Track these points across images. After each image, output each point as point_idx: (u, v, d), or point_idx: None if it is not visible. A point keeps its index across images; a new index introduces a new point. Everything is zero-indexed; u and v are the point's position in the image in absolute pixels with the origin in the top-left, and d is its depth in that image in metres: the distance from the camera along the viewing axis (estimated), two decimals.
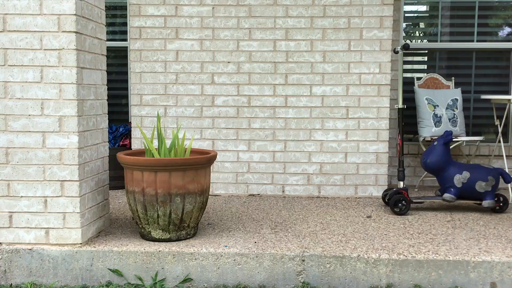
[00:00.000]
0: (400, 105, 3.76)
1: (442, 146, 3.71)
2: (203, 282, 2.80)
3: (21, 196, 2.82)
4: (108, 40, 5.14)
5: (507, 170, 4.28)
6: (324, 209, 3.90)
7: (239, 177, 4.43)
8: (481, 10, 4.95)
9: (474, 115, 5.05)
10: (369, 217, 3.62)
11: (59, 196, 2.82)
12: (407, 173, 5.02)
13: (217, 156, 4.42)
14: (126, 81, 5.18)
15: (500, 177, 3.88)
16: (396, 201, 3.68)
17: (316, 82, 4.33)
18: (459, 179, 3.68)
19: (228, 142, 4.41)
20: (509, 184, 4.06)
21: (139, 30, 4.35)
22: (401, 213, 3.69)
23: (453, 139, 4.31)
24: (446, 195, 3.71)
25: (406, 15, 5.01)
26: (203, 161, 2.90)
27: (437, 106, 4.53)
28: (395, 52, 3.77)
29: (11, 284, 2.82)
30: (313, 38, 4.31)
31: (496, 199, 3.78)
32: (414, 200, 3.78)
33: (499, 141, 4.66)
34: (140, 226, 2.99)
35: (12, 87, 2.77)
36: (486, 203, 3.69)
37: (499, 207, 3.78)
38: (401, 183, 3.78)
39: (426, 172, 4.74)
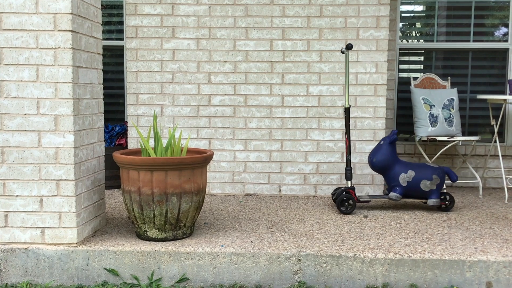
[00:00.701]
0: (347, 105, 3.78)
1: (388, 145, 3.75)
2: (199, 282, 2.80)
3: (17, 196, 2.81)
4: (104, 39, 5.12)
5: (503, 170, 4.30)
6: (321, 208, 3.90)
7: (235, 177, 4.43)
8: (478, 10, 4.96)
9: (470, 115, 5.06)
10: (365, 216, 3.62)
11: (55, 195, 2.81)
12: None
13: (214, 156, 4.41)
14: (122, 80, 5.17)
15: (447, 176, 3.92)
16: (342, 200, 3.70)
17: (313, 81, 4.33)
18: (404, 178, 3.71)
19: (224, 141, 4.40)
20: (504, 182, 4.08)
21: (136, 29, 4.34)
22: (347, 212, 3.70)
23: (449, 139, 4.32)
24: (392, 194, 3.75)
25: (402, 15, 5.01)
26: (199, 160, 2.90)
27: (433, 106, 4.54)
28: (342, 52, 3.79)
29: (7, 283, 2.81)
30: (309, 37, 4.31)
31: (443, 197, 3.83)
32: (361, 199, 3.79)
33: (495, 141, 4.68)
34: (136, 225, 2.98)
35: (8, 86, 2.76)
36: (431, 201, 3.74)
37: (445, 206, 3.83)
38: (349, 182, 3.80)
39: None
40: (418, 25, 5.06)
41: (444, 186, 4.06)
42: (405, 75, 5.07)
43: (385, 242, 2.98)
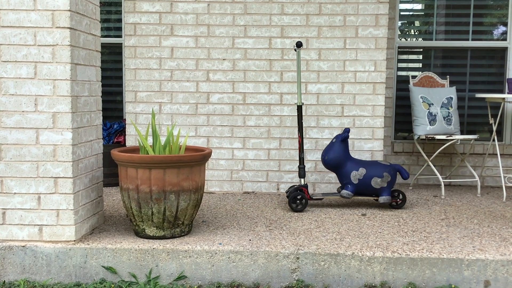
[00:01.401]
0: (299, 103, 3.78)
1: (340, 143, 3.76)
2: (197, 280, 2.79)
3: (15, 193, 2.80)
4: (102, 36, 5.11)
5: (501, 169, 4.30)
6: (319, 207, 3.90)
7: (234, 175, 4.42)
8: (476, 9, 4.96)
9: (468, 113, 5.06)
10: (363, 215, 3.62)
11: (53, 193, 2.80)
12: None
13: (212, 154, 4.41)
14: (121, 77, 5.16)
15: (398, 173, 3.94)
16: (294, 198, 3.71)
17: (312, 80, 4.33)
18: (355, 175, 3.73)
19: (223, 139, 4.40)
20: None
21: (134, 26, 4.33)
22: (298, 209, 3.71)
23: (448, 138, 4.32)
24: (343, 192, 3.76)
25: (401, 13, 5.01)
26: (197, 158, 2.90)
27: (432, 104, 4.54)
28: (295, 50, 3.79)
29: (4, 281, 2.81)
30: (308, 35, 4.30)
31: (396, 194, 3.85)
32: (313, 197, 3.80)
33: (494, 140, 4.67)
34: (134, 223, 2.98)
35: (6, 83, 2.75)
36: (382, 199, 3.75)
37: (396, 203, 3.85)
38: (302, 180, 3.80)
39: (420, 170, 4.74)
40: (417, 23, 5.06)
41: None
42: (404, 73, 5.07)
43: (383, 241, 2.98)
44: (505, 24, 4.94)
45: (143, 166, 2.81)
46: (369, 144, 4.36)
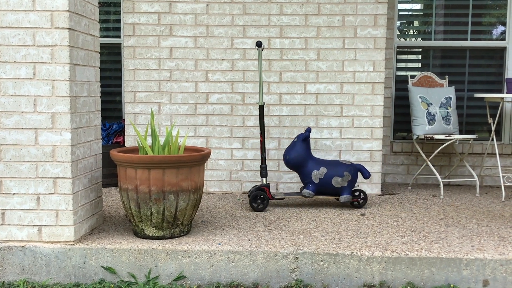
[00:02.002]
0: (261, 102, 3.79)
1: (301, 142, 3.76)
2: (196, 280, 2.80)
3: (14, 193, 2.80)
4: (101, 37, 5.11)
5: (500, 168, 4.30)
6: (318, 206, 3.91)
7: (233, 175, 4.43)
8: (475, 9, 4.96)
9: (467, 113, 5.07)
10: (362, 215, 3.63)
11: (52, 193, 2.80)
12: (400, 171, 5.03)
13: (211, 154, 4.41)
14: (120, 78, 5.17)
15: (359, 172, 3.96)
16: (255, 197, 3.71)
17: (310, 80, 4.33)
18: (316, 174, 3.73)
19: (222, 139, 4.40)
20: None
21: (133, 27, 4.33)
22: (259, 209, 3.72)
23: (447, 138, 4.32)
24: (304, 191, 3.76)
25: (400, 13, 5.02)
26: (197, 158, 2.90)
27: (431, 104, 4.54)
28: (257, 49, 3.80)
29: (4, 281, 2.81)
30: (307, 35, 4.31)
31: (357, 193, 3.87)
32: (275, 197, 3.81)
33: (492, 139, 4.68)
34: (134, 223, 2.98)
35: (5, 83, 2.75)
36: (342, 198, 3.76)
37: (358, 202, 3.86)
38: (264, 179, 3.81)
39: (419, 170, 4.75)
40: (415, 23, 5.06)
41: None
42: (402, 73, 5.07)
43: (382, 240, 2.98)
44: (504, 24, 4.95)
45: (142, 166, 2.81)
46: (368, 144, 4.36)
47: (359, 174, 4.36)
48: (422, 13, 5.03)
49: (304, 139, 3.75)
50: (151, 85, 4.37)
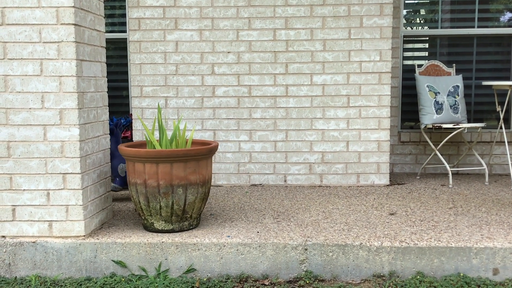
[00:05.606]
0: None
1: (110, 136, 3.71)
2: (206, 272, 2.81)
3: (24, 190, 2.83)
4: (107, 32, 5.12)
5: (509, 156, 4.27)
6: (326, 198, 3.91)
7: (240, 168, 4.43)
8: None
9: (475, 101, 5.03)
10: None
11: (62, 189, 2.82)
12: (408, 160, 5.02)
13: (219, 147, 4.42)
14: (126, 72, 5.18)
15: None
16: None
17: (317, 71, 4.32)
18: (122, 168, 3.72)
19: (229, 132, 4.40)
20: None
21: (138, 21, 4.33)
22: None
23: (455, 126, 4.30)
24: (112, 185, 3.74)
25: (406, 2, 4.98)
26: (204, 152, 2.91)
27: (438, 93, 4.52)
28: None
29: (16, 277, 2.84)
30: (313, 26, 4.29)
31: None
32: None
33: (501, 127, 4.65)
34: (143, 217, 3.00)
35: (12, 80, 2.76)
36: None
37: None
38: None
39: (428, 160, 4.73)
40: (422, 12, 5.02)
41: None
42: (409, 62, 5.04)
43: (391, 231, 2.98)
44: (511, 11, 4.90)
45: (150, 160, 2.82)
46: (376, 134, 4.35)
47: None
48: (428, 1, 4.98)
49: (110, 132, 3.68)
50: (158, 79, 4.38)
